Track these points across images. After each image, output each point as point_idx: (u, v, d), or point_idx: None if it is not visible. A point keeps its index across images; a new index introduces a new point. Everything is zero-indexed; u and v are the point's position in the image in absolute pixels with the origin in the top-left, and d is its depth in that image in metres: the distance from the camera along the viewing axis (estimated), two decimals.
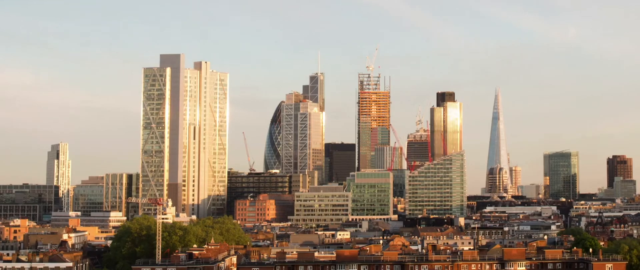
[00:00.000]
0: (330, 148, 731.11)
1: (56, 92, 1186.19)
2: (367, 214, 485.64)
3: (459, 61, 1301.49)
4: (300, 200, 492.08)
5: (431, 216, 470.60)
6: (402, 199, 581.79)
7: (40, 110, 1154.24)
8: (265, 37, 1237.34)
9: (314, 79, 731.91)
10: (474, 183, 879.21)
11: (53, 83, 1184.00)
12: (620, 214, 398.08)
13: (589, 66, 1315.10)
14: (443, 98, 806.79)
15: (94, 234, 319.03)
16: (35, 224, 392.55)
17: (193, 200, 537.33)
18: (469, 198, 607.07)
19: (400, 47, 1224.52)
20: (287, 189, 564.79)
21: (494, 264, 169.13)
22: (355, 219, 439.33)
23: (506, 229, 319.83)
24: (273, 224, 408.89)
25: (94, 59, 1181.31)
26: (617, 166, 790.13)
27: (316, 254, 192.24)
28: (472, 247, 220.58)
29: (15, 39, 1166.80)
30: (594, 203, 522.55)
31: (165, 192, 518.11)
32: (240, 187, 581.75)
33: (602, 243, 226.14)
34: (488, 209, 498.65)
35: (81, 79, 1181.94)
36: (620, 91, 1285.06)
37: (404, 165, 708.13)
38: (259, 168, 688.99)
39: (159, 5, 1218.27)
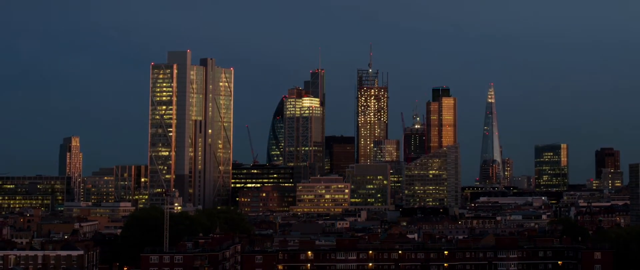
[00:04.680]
0: (331, 141, 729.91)
1: (69, 87, 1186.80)
2: (366, 204, 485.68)
3: (455, 57, 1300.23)
4: (302, 191, 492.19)
5: (427, 206, 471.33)
6: (400, 190, 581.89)
7: (53, 104, 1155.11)
8: (269, 35, 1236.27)
9: (314, 74, 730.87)
10: (468, 174, 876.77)
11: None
12: (608, 204, 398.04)
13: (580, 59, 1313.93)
14: (438, 93, 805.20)
15: (104, 224, 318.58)
16: (48, 213, 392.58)
17: (199, 191, 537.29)
18: (463, 189, 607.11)
19: (398, 44, 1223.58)
20: (289, 180, 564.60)
21: (488, 252, 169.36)
22: (355, 209, 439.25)
23: (499, 218, 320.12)
24: (276, 214, 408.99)
25: (103, 56, 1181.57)
26: (605, 158, 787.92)
27: (317, 242, 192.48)
28: (466, 236, 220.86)
29: None
30: (583, 193, 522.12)
31: (172, 183, 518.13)
32: (244, 179, 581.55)
33: (590, 232, 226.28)
34: (481, 199, 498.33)
35: (91, 75, 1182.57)
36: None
37: (401, 157, 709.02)
38: (262, 160, 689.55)
39: (167, 4, 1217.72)
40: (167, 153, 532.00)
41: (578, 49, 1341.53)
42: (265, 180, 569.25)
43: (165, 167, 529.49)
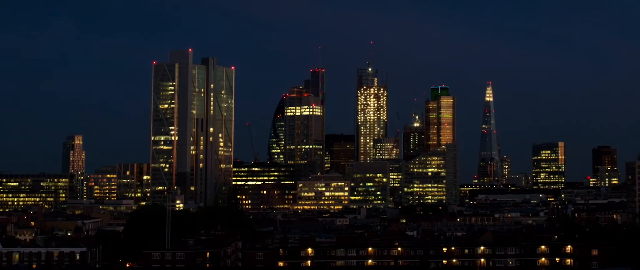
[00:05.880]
0: (331, 139, 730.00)
1: (71, 85, 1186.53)
2: (365, 202, 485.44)
3: (453, 55, 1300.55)
4: (302, 189, 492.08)
5: (426, 203, 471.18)
6: (399, 188, 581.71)
7: (56, 103, 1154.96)
8: (270, 35, 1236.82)
9: (315, 73, 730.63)
10: (466, 172, 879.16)
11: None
12: (605, 201, 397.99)
13: (577, 59, 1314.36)
14: (437, 91, 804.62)
15: (106, 221, 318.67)
16: (51, 211, 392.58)
17: (200, 188, 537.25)
18: (462, 186, 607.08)
19: (397, 42, 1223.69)
20: (289, 178, 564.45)
21: (486, 249, 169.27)
22: (355, 207, 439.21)
23: (497, 215, 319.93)
24: (276, 211, 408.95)
25: (108, 55, 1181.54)
26: (602, 156, 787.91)
27: (317, 239, 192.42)
28: (465, 233, 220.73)
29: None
30: (580, 191, 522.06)
31: (174, 181, 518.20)
32: (246, 176, 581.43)
33: (588, 229, 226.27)
34: (480, 196, 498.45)
35: (93, 73, 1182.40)
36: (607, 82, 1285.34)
37: (401, 155, 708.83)
38: (263, 158, 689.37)
39: (168, 3, 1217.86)
40: (169, 151, 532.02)
41: (576, 47, 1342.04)
42: (266, 178, 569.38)
43: (167, 165, 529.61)
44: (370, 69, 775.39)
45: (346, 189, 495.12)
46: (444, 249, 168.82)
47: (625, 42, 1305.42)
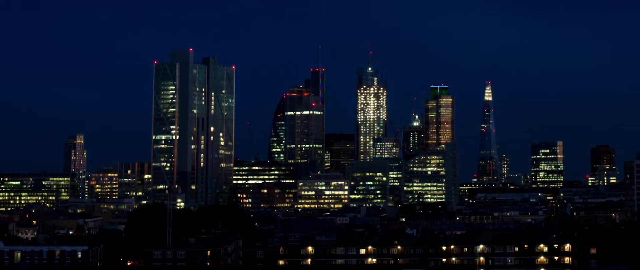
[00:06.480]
0: (331, 139, 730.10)
1: (73, 85, 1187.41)
2: (365, 201, 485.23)
3: (453, 54, 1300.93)
4: (303, 188, 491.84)
5: (426, 202, 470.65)
6: (398, 186, 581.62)
7: (57, 102, 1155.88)
8: (270, 34, 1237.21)
9: (315, 73, 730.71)
10: (466, 171, 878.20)
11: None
12: (604, 200, 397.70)
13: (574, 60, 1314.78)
14: (437, 91, 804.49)
15: (108, 220, 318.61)
16: (53, 210, 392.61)
17: (201, 187, 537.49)
18: (461, 185, 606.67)
19: (397, 41, 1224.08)
20: (290, 177, 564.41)
21: (485, 248, 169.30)
22: (355, 205, 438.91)
23: (496, 214, 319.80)
24: (277, 210, 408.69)
25: (109, 54, 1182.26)
26: (601, 155, 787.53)
27: (317, 237, 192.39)
28: (464, 232, 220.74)
29: None
30: (579, 190, 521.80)
31: (175, 180, 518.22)
32: (246, 175, 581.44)
33: (586, 228, 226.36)
34: (479, 195, 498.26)
35: (94, 72, 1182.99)
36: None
37: (400, 155, 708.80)
38: (264, 157, 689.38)
39: (170, 3, 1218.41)
40: (170, 150, 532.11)
41: (574, 46, 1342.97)
42: (266, 177, 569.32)
43: (168, 164, 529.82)
44: (370, 69, 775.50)
45: (346, 187, 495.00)
46: (444, 248, 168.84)
47: (625, 40, 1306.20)
